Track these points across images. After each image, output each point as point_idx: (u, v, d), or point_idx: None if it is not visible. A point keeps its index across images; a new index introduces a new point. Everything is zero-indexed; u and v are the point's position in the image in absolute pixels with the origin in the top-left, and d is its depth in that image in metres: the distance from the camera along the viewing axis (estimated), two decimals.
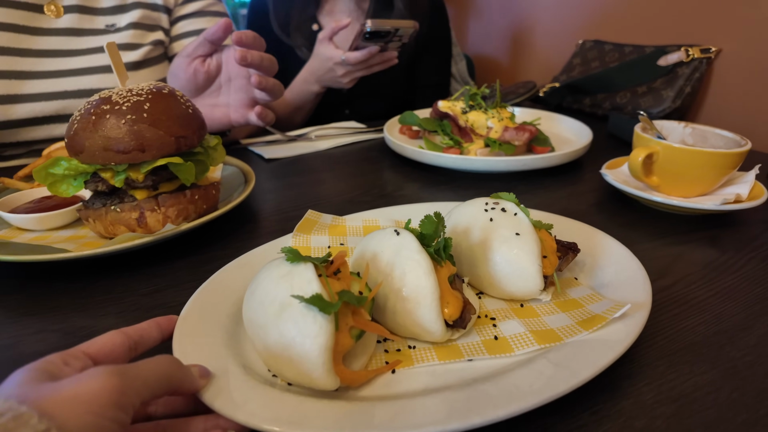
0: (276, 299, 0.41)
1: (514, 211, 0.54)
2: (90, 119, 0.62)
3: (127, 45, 1.11)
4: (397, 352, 0.47)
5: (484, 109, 1.01)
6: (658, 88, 1.29)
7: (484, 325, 0.50)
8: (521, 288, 0.52)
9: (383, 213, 0.72)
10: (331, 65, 1.21)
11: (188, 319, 0.48)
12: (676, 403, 0.42)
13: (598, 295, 0.52)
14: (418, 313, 0.45)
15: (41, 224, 0.71)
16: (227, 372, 0.42)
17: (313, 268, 0.42)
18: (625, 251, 0.57)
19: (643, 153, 0.77)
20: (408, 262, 0.46)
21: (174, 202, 0.66)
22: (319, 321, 0.38)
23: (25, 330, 0.53)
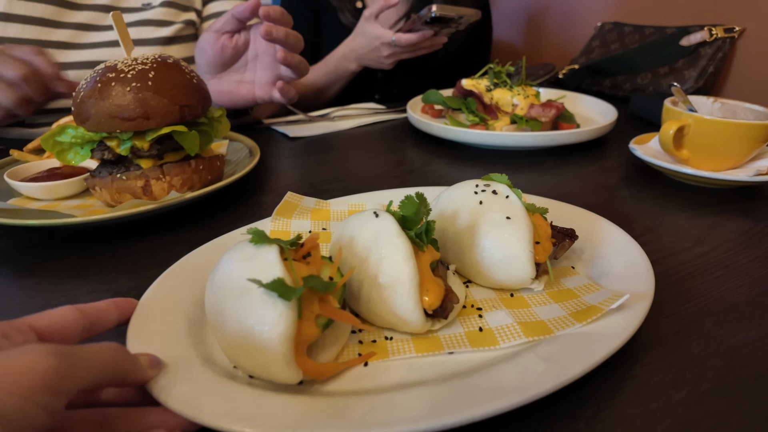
0: (236, 284, 0.37)
1: (506, 193, 0.50)
2: (96, 87, 0.63)
3: (160, 22, 1.13)
4: (372, 343, 0.44)
5: (509, 87, 1.01)
6: (680, 68, 1.28)
7: (469, 315, 0.47)
8: (511, 276, 0.48)
9: (371, 197, 0.67)
10: (377, 44, 1.20)
11: (150, 303, 0.45)
12: (726, 356, 0.43)
13: (596, 284, 0.48)
14: (395, 301, 0.41)
15: (50, 193, 0.73)
16: (183, 362, 0.38)
17: (277, 250, 0.38)
18: (627, 239, 0.53)
19: (675, 126, 0.77)
20: (386, 246, 0.43)
21: (179, 171, 0.68)
22: (279, 308, 0.35)
23: (78, 289, 0.54)
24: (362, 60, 1.27)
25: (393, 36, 1.15)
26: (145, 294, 0.46)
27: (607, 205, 0.73)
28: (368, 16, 1.19)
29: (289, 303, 0.35)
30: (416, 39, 1.14)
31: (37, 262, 0.60)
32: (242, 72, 0.99)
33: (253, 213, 0.73)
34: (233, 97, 0.98)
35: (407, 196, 0.46)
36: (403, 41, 1.14)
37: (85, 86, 0.64)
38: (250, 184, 0.82)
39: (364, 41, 1.23)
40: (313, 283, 0.37)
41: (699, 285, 0.53)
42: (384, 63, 1.24)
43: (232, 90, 0.98)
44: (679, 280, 0.54)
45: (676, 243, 0.62)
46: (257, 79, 0.98)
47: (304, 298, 0.37)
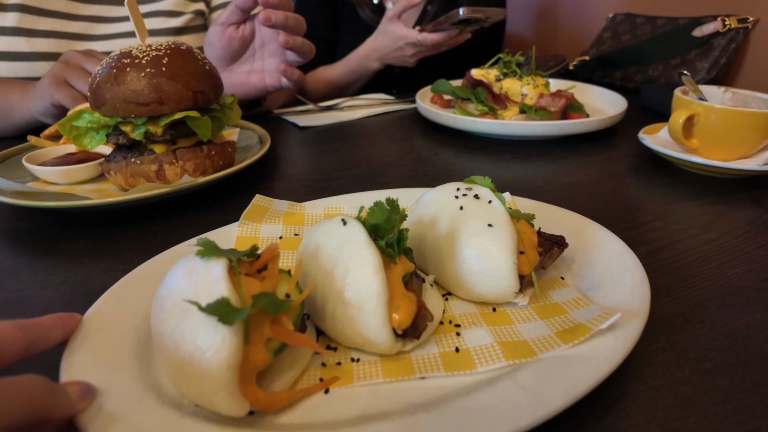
0: (177, 302, 0.34)
1: (488, 198, 0.46)
2: (111, 73, 0.64)
3: (170, 12, 1.15)
4: (336, 365, 0.39)
5: (519, 76, 1.01)
6: (692, 59, 1.27)
7: (446, 333, 0.43)
8: (492, 289, 0.44)
9: (350, 200, 0.63)
10: (402, 44, 1.20)
11: (95, 319, 0.41)
12: (730, 338, 0.44)
13: (585, 299, 0.44)
14: (361, 319, 0.38)
15: (66, 177, 0.75)
16: (122, 390, 0.35)
17: (224, 264, 0.35)
18: (622, 247, 0.48)
19: (685, 114, 0.77)
20: (353, 257, 0.39)
21: (191, 156, 0.69)
22: (222, 332, 0.31)
23: (94, 269, 0.56)
24: (385, 59, 1.28)
25: (419, 36, 1.16)
26: (92, 308, 0.42)
27: (615, 193, 0.74)
28: (391, 16, 1.20)
29: (231, 327, 0.32)
30: (441, 39, 1.15)
31: (55, 243, 0.62)
32: (251, 62, 1.00)
33: None
34: (245, 87, 0.99)
35: (377, 203, 0.42)
36: (429, 41, 1.15)
37: (101, 72, 0.66)
38: (260, 171, 0.84)
39: (387, 41, 1.23)
40: (263, 303, 0.33)
41: (705, 270, 0.54)
42: (408, 61, 1.25)
43: (243, 81, 0.99)
44: (685, 265, 0.54)
45: (683, 230, 0.62)
46: (266, 66, 0.99)
47: (253, 320, 0.34)
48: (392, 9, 1.19)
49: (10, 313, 0.49)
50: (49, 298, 0.51)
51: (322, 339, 0.43)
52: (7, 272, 0.56)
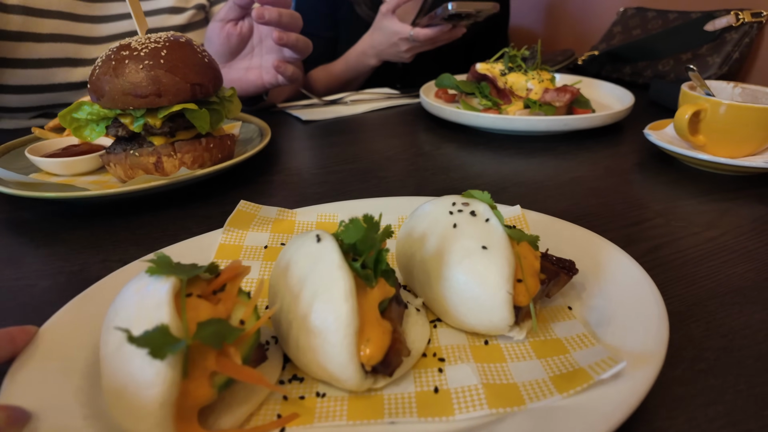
0: (120, 324, 0.31)
1: (485, 216, 0.42)
2: (110, 65, 0.65)
3: (173, 9, 1.15)
4: (299, 400, 0.36)
5: (524, 71, 1.00)
6: (703, 54, 1.25)
7: (427, 368, 0.38)
8: (482, 321, 0.39)
9: (346, 207, 0.59)
10: (396, 40, 1.20)
11: (50, 334, 0.38)
12: (726, 338, 0.43)
13: (592, 336, 0.39)
14: (326, 352, 0.34)
15: (68, 169, 0.75)
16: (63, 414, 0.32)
17: (171, 286, 0.32)
18: (641, 275, 0.43)
19: (691, 110, 0.75)
20: (322, 280, 0.35)
21: (190, 148, 0.69)
22: (157, 365, 0.29)
23: (90, 259, 0.56)
24: (381, 55, 1.28)
25: (411, 31, 1.15)
26: (48, 322, 0.39)
27: (617, 189, 0.73)
28: (385, 11, 1.19)
29: (168, 360, 0.29)
30: (434, 34, 1.14)
31: (54, 233, 0.62)
32: (249, 58, 1.00)
33: (262, 191, 0.74)
34: (243, 84, 0.99)
35: (352, 220, 0.37)
36: (422, 36, 1.14)
37: (101, 64, 0.66)
38: (260, 164, 0.84)
39: (382, 36, 1.23)
40: (205, 334, 0.30)
41: (705, 268, 0.52)
42: (403, 57, 1.24)
43: (241, 77, 0.98)
44: (685, 263, 0.53)
45: (685, 227, 0.61)
46: (263, 63, 0.99)
47: (196, 351, 0.31)
48: (386, 4, 1.19)
49: (8, 300, 0.49)
50: (44, 287, 0.51)
51: (290, 366, 0.39)
52: (6, 261, 0.56)
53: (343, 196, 0.71)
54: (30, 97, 1.05)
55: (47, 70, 1.04)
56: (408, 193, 0.72)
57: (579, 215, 0.65)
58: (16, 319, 0.47)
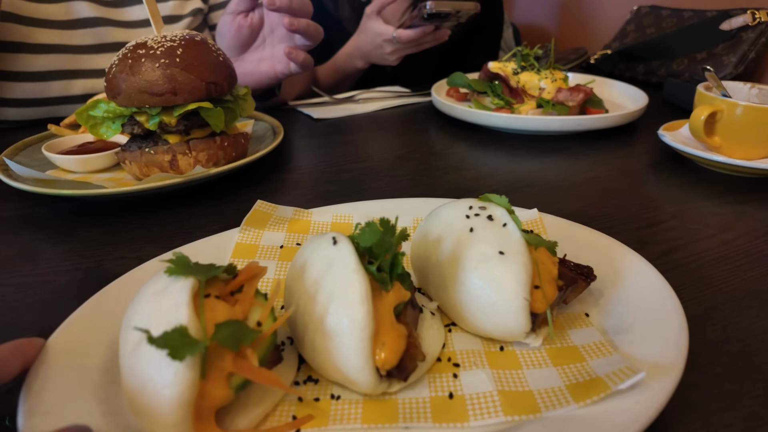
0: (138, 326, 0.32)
1: (503, 220, 0.41)
2: (127, 63, 0.65)
3: (169, 18, 1.15)
4: (314, 401, 0.36)
5: (537, 70, 0.99)
6: (719, 53, 1.23)
7: (442, 373, 0.38)
8: (498, 327, 0.39)
9: (361, 208, 0.59)
10: (379, 42, 1.19)
11: (60, 344, 0.37)
12: (742, 342, 0.42)
13: (608, 345, 0.39)
14: (341, 354, 0.34)
15: (83, 166, 0.76)
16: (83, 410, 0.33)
17: (190, 287, 0.32)
18: (661, 283, 0.42)
19: (706, 111, 0.74)
20: (338, 282, 0.35)
21: (204, 147, 0.69)
22: (175, 366, 0.29)
23: (107, 256, 0.57)
24: (367, 57, 1.27)
25: (394, 32, 1.15)
26: (56, 333, 0.39)
27: (631, 191, 0.72)
28: (369, 13, 1.19)
29: (187, 361, 0.29)
30: (416, 35, 1.13)
31: (70, 230, 0.63)
32: (261, 50, 1.00)
33: (275, 189, 0.74)
34: (257, 76, 0.98)
35: (368, 223, 0.37)
36: (404, 38, 1.13)
37: (117, 62, 0.66)
38: (273, 162, 0.84)
39: (367, 38, 1.22)
40: (223, 335, 0.31)
41: (721, 272, 0.52)
42: (389, 59, 1.24)
43: (254, 70, 0.98)
44: (700, 266, 0.53)
45: (700, 230, 0.61)
46: (275, 53, 0.98)
47: (214, 352, 0.31)
48: (371, 6, 1.18)
49: (26, 297, 0.50)
50: (62, 284, 0.52)
51: (305, 368, 0.39)
52: (24, 256, 0.57)
53: (356, 195, 0.72)
54: (29, 110, 1.05)
55: (45, 83, 1.04)
56: (420, 192, 0.73)
57: (592, 216, 0.65)
58: (35, 315, 0.47)
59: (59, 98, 1.06)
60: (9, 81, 1.01)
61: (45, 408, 0.33)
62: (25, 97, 1.03)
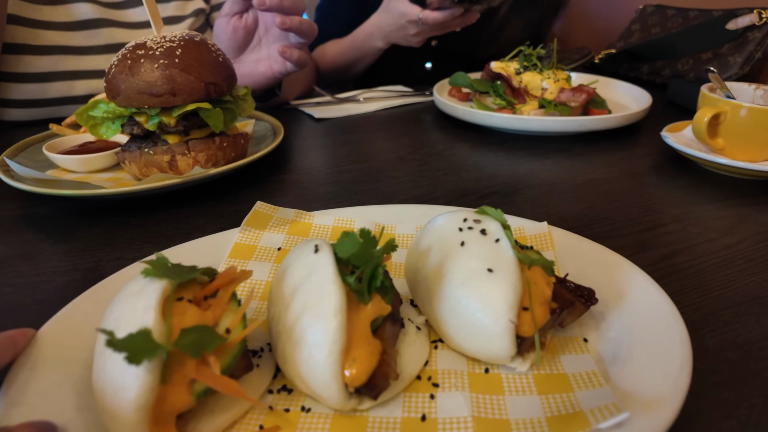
0: (110, 326, 0.32)
1: (496, 235, 0.40)
2: (126, 64, 0.65)
3: (171, 18, 1.15)
4: (284, 412, 0.35)
5: (539, 70, 0.99)
6: (724, 53, 1.22)
7: (419, 392, 0.36)
8: (482, 348, 0.37)
9: (363, 213, 0.58)
10: (404, 22, 1.15)
11: (49, 336, 0.38)
12: (741, 349, 0.42)
13: (601, 376, 0.36)
14: (310, 367, 0.33)
15: (84, 165, 0.77)
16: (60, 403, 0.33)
17: (161, 290, 0.32)
18: (671, 312, 0.39)
19: (710, 113, 0.74)
20: (314, 292, 0.34)
21: (203, 147, 0.69)
22: (135, 369, 0.29)
23: (105, 257, 0.57)
24: (389, 37, 1.24)
25: (420, 13, 1.11)
26: (46, 324, 0.39)
27: (633, 193, 0.72)
28: None
29: (147, 365, 0.29)
30: (444, 18, 1.09)
31: (70, 230, 0.63)
32: (258, 50, 0.99)
33: (275, 190, 0.74)
34: (254, 77, 0.98)
35: (346, 233, 0.36)
36: (431, 20, 1.10)
37: (117, 62, 0.67)
38: (273, 163, 0.84)
39: (390, 18, 1.19)
40: (187, 341, 0.30)
41: (721, 277, 0.51)
42: (411, 41, 1.20)
43: (252, 71, 0.98)
44: (700, 271, 0.52)
45: (702, 233, 0.60)
46: (271, 53, 0.98)
47: (177, 357, 0.31)
48: None
49: (24, 297, 0.50)
50: (60, 284, 0.52)
51: (281, 376, 0.39)
52: (23, 256, 0.57)
53: (356, 196, 0.72)
54: (32, 111, 1.05)
55: (48, 84, 1.04)
56: (420, 193, 0.72)
57: (593, 219, 0.64)
58: (33, 315, 0.48)
59: (62, 99, 1.06)
60: (12, 82, 1.02)
61: (22, 399, 0.33)
62: (28, 98, 1.04)
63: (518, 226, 0.54)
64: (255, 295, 0.47)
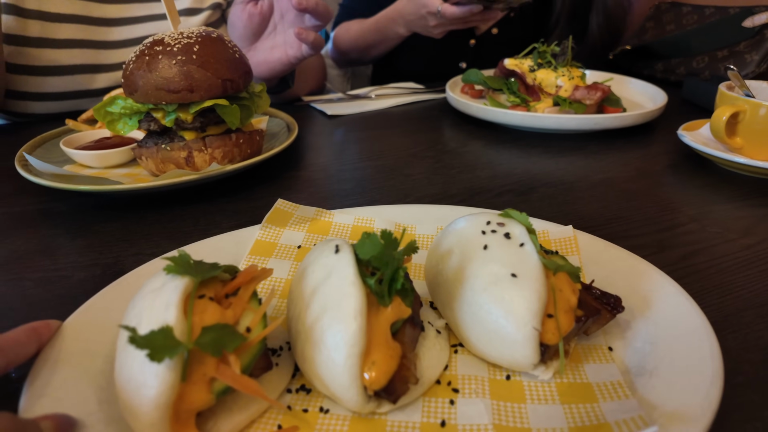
0: (131, 322, 0.32)
1: (520, 240, 0.39)
2: (144, 60, 0.65)
3: (189, 10, 1.16)
4: (302, 412, 0.35)
5: (554, 67, 0.98)
6: (741, 51, 1.20)
7: (438, 397, 0.36)
8: (504, 355, 0.37)
9: (384, 212, 0.57)
10: (423, 13, 1.16)
11: (73, 328, 0.38)
12: (765, 350, 0.41)
13: (627, 387, 0.35)
14: (329, 369, 0.33)
15: (101, 161, 0.77)
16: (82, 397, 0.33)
17: (183, 287, 0.32)
18: (702, 323, 0.38)
19: (729, 112, 0.73)
20: (333, 293, 0.34)
21: (220, 144, 0.70)
22: (156, 367, 0.29)
23: (124, 252, 0.57)
24: (410, 26, 1.25)
25: (439, 6, 1.12)
26: (71, 317, 0.40)
27: (649, 192, 0.71)
28: None
29: (164, 363, 0.29)
30: (462, 13, 1.10)
31: (87, 225, 0.64)
32: (273, 37, 0.99)
33: (289, 187, 0.74)
34: (270, 65, 0.97)
35: (367, 234, 0.36)
36: (449, 14, 1.10)
37: (134, 59, 0.67)
38: (287, 159, 0.84)
39: (412, 7, 1.20)
40: (207, 339, 0.30)
41: (742, 277, 0.51)
42: (432, 32, 1.21)
43: (267, 58, 0.97)
44: (720, 271, 0.52)
45: (721, 233, 0.59)
46: (287, 38, 0.97)
47: (197, 355, 0.31)
48: None
49: (45, 291, 0.51)
50: (80, 279, 0.53)
51: (300, 376, 0.38)
52: (42, 252, 0.58)
53: (370, 194, 0.72)
54: (52, 104, 1.06)
55: (68, 77, 1.05)
56: (435, 191, 0.72)
57: (609, 218, 0.64)
58: (54, 310, 0.48)
59: (82, 92, 1.07)
60: (32, 75, 1.02)
61: (45, 390, 0.34)
62: (50, 91, 1.05)
63: (542, 230, 0.53)
64: (275, 293, 0.47)
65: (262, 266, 0.40)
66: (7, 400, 0.34)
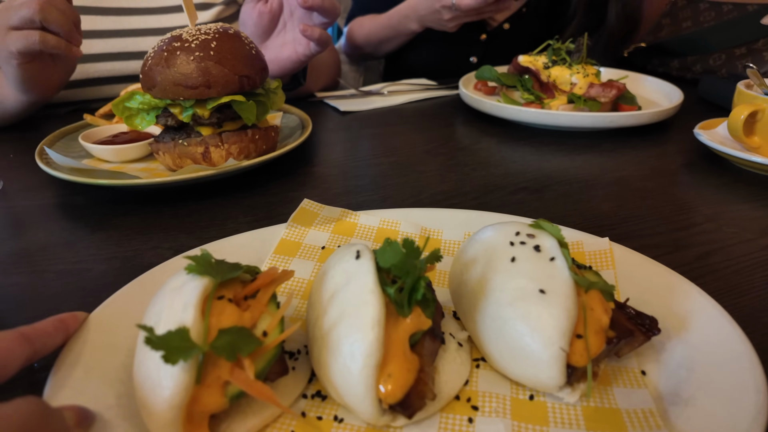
0: (151, 320, 0.32)
1: (551, 253, 0.37)
2: (162, 56, 0.66)
3: (201, 5, 1.16)
4: (317, 420, 0.34)
5: (569, 65, 0.97)
6: (759, 49, 1.19)
7: (456, 413, 0.34)
8: (528, 374, 0.35)
9: (409, 215, 0.56)
10: (437, 7, 1.16)
11: (98, 321, 0.38)
12: None
13: (659, 416, 0.33)
14: (344, 378, 0.32)
15: (118, 155, 0.78)
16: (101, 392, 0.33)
17: (202, 288, 0.32)
18: (746, 350, 0.34)
19: (747, 110, 0.72)
20: (352, 300, 0.33)
21: (236, 139, 0.70)
22: (171, 368, 0.29)
23: (143, 245, 0.58)
24: (423, 21, 1.25)
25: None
26: (98, 309, 0.40)
27: (665, 191, 0.71)
28: None
29: (179, 365, 0.29)
30: (477, 4, 1.09)
31: (106, 219, 0.65)
32: (283, 35, 0.99)
33: (303, 183, 0.75)
34: (280, 62, 0.97)
35: (389, 241, 0.35)
36: (464, 6, 1.10)
37: (153, 54, 0.68)
38: (301, 156, 0.85)
39: (425, 2, 1.20)
40: (222, 343, 0.30)
41: (760, 278, 0.51)
42: (446, 26, 1.21)
43: (277, 56, 0.97)
44: (737, 272, 0.52)
45: (737, 233, 0.59)
46: (296, 36, 0.97)
47: (211, 358, 0.31)
48: None
49: (67, 284, 0.52)
50: (101, 271, 0.54)
51: (316, 381, 0.38)
52: (64, 244, 0.59)
53: (384, 190, 0.72)
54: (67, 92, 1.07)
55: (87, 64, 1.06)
56: (448, 188, 0.72)
57: (625, 217, 0.64)
58: (75, 302, 0.49)
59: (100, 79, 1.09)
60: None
61: (67, 381, 0.34)
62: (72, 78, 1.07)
63: (576, 240, 0.50)
64: (296, 294, 0.47)
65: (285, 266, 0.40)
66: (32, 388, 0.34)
